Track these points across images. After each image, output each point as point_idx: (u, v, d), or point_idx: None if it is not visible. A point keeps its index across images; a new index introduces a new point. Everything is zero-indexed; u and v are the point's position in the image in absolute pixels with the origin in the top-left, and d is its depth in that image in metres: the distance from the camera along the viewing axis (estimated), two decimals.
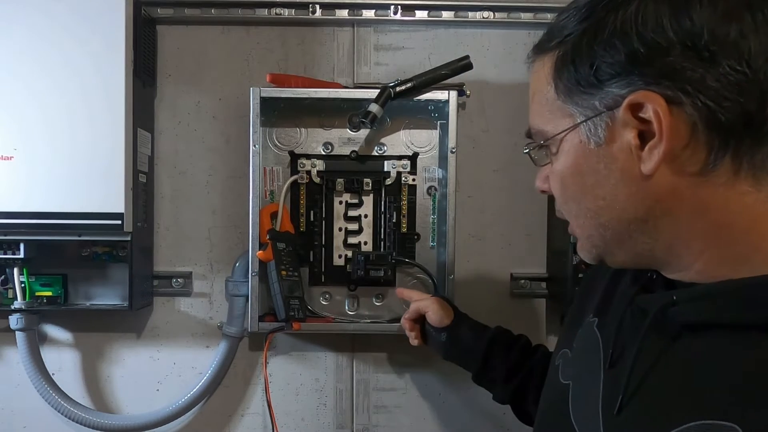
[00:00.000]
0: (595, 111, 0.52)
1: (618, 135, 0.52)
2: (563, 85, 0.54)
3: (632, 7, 0.49)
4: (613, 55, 0.50)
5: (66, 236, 1.09)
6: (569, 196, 0.58)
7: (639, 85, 0.49)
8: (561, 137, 0.55)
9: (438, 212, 1.22)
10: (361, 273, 1.17)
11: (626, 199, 0.53)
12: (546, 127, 0.57)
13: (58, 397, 1.17)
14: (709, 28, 0.47)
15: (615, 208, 0.54)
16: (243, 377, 1.26)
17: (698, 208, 0.51)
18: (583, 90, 0.53)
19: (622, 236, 0.55)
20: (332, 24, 1.23)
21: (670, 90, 0.48)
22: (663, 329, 0.54)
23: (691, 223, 0.51)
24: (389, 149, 1.22)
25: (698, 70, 0.47)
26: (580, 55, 0.52)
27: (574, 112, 0.54)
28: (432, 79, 1.14)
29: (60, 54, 1.07)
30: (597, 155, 0.53)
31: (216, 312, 1.25)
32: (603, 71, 0.51)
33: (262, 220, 1.16)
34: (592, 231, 0.57)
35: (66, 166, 1.08)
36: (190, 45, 1.23)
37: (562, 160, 0.57)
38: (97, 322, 1.24)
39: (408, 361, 1.26)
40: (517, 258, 1.25)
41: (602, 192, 0.54)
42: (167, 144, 1.24)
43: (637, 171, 0.51)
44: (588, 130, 0.53)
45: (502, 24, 1.23)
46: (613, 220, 0.55)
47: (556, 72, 0.55)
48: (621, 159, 0.52)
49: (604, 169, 0.53)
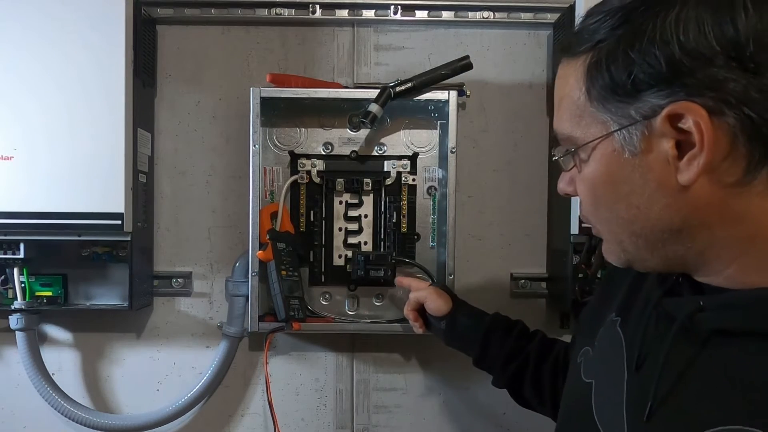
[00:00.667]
0: (631, 120, 0.51)
1: (655, 145, 0.51)
2: (596, 92, 0.53)
3: (672, 15, 0.48)
4: (653, 64, 0.49)
5: (66, 236, 1.09)
6: (600, 203, 0.57)
7: (680, 96, 0.48)
8: (593, 144, 0.54)
9: (438, 212, 1.22)
10: (361, 273, 1.17)
11: (662, 209, 0.52)
12: (575, 133, 0.56)
13: (58, 397, 1.16)
14: (755, 38, 0.46)
15: (650, 218, 0.53)
16: (243, 377, 1.26)
17: (734, 218, 0.51)
18: (618, 98, 0.51)
19: (655, 244, 0.55)
20: (332, 24, 1.23)
21: (712, 101, 0.47)
22: (691, 335, 0.53)
23: (726, 232, 0.51)
24: (389, 149, 1.22)
25: (741, 81, 0.47)
26: (616, 62, 0.51)
27: (608, 120, 0.53)
28: (432, 79, 1.14)
29: (60, 54, 1.07)
30: (632, 165, 0.52)
31: (216, 312, 1.25)
32: (641, 80, 0.50)
33: (262, 220, 1.15)
34: (623, 237, 0.56)
35: (66, 166, 1.08)
36: (190, 45, 1.23)
37: (594, 167, 0.55)
38: (97, 322, 1.24)
39: (408, 361, 1.26)
40: (517, 258, 1.25)
41: (636, 201, 0.53)
42: (167, 144, 1.24)
43: (674, 181, 0.50)
44: (623, 138, 0.52)
45: (502, 24, 1.23)
46: (646, 228, 0.54)
47: (589, 78, 0.53)
48: (657, 169, 0.51)
49: (639, 178, 0.52)
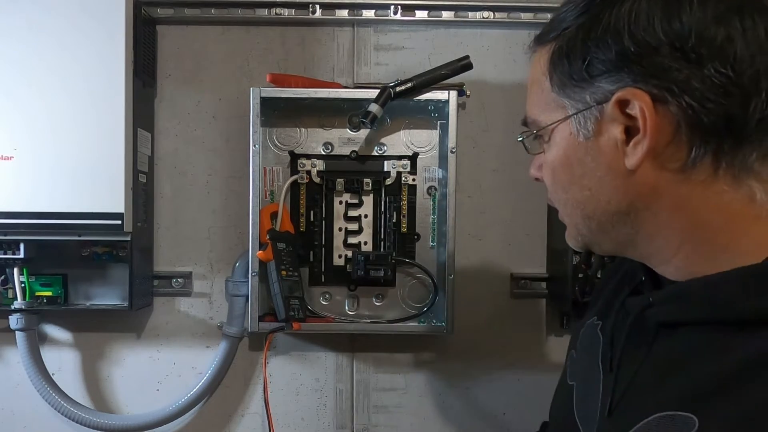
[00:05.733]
0: (586, 105, 0.54)
1: (606, 129, 0.53)
2: (557, 78, 0.56)
3: (626, 6, 0.51)
4: (605, 52, 0.52)
5: (66, 236, 1.09)
6: (558, 186, 0.60)
7: (627, 82, 0.51)
8: (552, 128, 0.57)
9: (438, 212, 1.21)
10: (361, 273, 1.16)
11: (610, 191, 0.55)
12: (540, 117, 0.59)
13: (58, 397, 1.16)
14: (697, 31, 0.49)
15: (600, 200, 0.56)
16: (243, 377, 1.25)
17: (677, 205, 0.53)
18: (575, 83, 0.54)
19: (605, 226, 0.57)
20: (332, 24, 1.22)
21: (656, 89, 0.50)
22: (642, 331, 0.56)
23: (670, 218, 0.53)
24: (389, 149, 1.21)
25: (684, 71, 0.49)
26: (574, 50, 0.54)
27: (566, 105, 0.56)
28: (432, 79, 1.14)
29: (60, 54, 1.07)
30: (585, 148, 0.55)
31: (216, 312, 1.25)
32: (594, 67, 0.52)
33: (262, 220, 1.15)
34: (578, 220, 0.59)
35: (66, 166, 1.07)
36: (190, 45, 1.22)
37: (554, 150, 0.58)
38: (97, 322, 1.24)
39: (408, 361, 1.26)
40: (517, 258, 1.25)
41: (588, 183, 0.56)
42: (167, 144, 1.23)
43: (622, 165, 0.53)
44: (578, 122, 0.55)
45: (502, 24, 1.22)
46: (597, 211, 0.57)
47: (552, 64, 0.56)
48: (607, 153, 0.54)
49: (591, 161, 0.55)
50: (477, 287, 1.24)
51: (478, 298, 1.23)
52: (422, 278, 1.22)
